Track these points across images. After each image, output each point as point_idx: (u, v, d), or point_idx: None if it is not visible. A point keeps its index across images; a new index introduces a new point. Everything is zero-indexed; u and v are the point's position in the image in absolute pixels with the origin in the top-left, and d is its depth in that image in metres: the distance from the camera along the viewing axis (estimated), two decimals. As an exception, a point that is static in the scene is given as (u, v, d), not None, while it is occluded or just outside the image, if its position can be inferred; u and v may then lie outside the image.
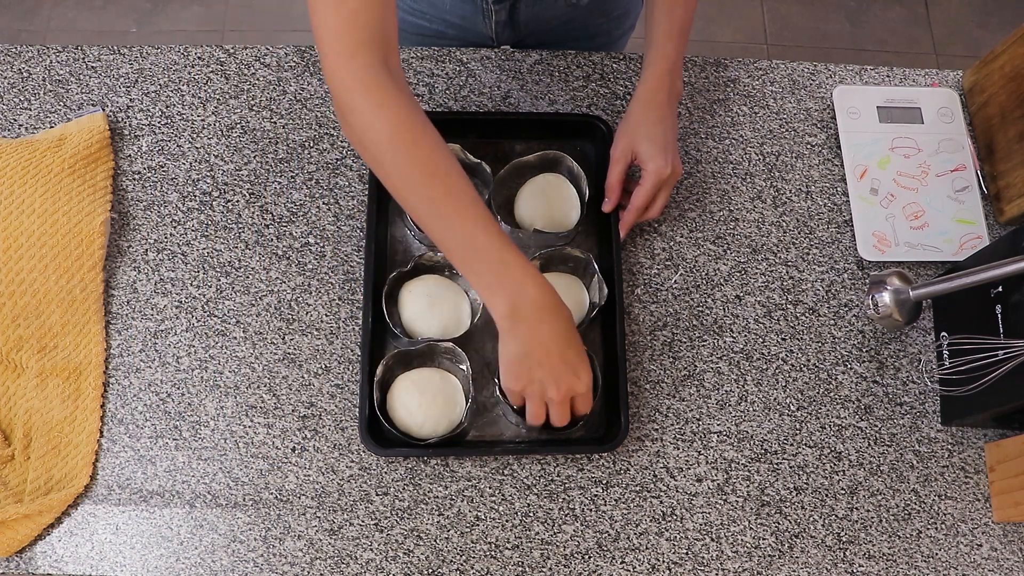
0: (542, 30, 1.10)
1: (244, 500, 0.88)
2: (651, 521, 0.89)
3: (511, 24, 1.08)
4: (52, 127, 1.00)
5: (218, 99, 1.03)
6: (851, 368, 0.96)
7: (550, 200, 0.97)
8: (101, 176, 0.97)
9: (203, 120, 1.02)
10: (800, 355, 0.96)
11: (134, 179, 0.99)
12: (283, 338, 0.94)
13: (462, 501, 0.89)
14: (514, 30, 1.10)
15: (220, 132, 1.01)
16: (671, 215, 1.01)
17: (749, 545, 0.89)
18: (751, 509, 0.90)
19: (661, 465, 0.91)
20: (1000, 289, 0.85)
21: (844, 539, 0.90)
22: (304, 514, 0.88)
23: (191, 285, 0.95)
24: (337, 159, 1.01)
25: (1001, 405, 0.85)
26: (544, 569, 0.87)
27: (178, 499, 0.88)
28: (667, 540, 0.89)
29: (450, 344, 0.88)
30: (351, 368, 0.92)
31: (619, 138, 0.93)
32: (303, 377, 0.92)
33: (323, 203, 0.99)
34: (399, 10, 1.14)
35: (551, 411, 0.82)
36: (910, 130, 1.04)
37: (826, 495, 0.91)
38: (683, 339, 0.96)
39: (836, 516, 0.90)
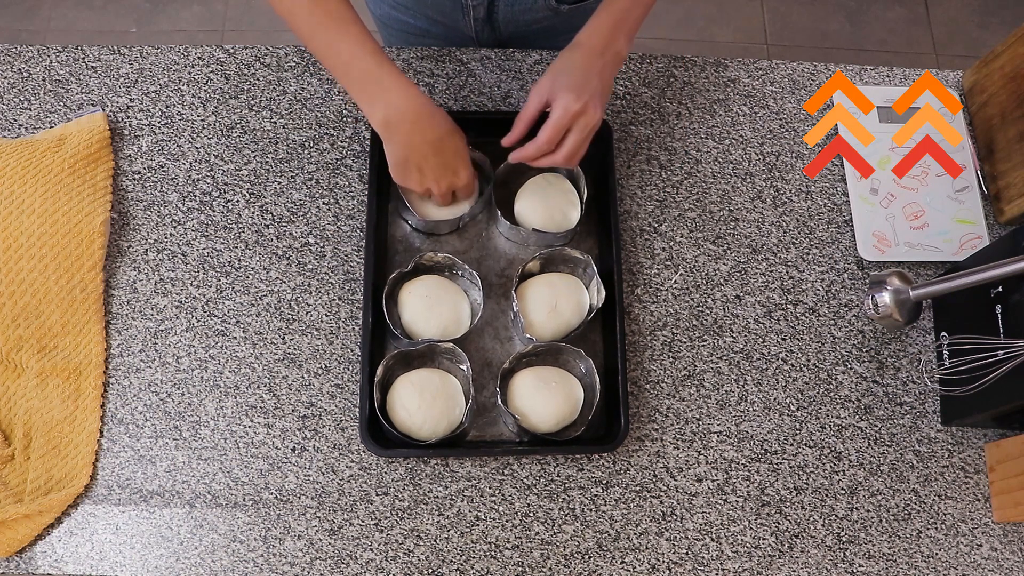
0: (523, 33, 1.10)
1: (244, 500, 0.88)
2: (651, 521, 0.89)
3: (490, 23, 1.08)
4: (52, 127, 1.00)
5: (218, 99, 1.03)
6: (851, 368, 0.96)
7: (550, 200, 0.97)
8: (101, 176, 0.97)
9: (203, 120, 1.02)
10: (800, 355, 0.96)
11: (134, 179, 0.99)
12: (283, 338, 0.94)
13: (462, 501, 0.89)
14: (493, 30, 1.09)
15: (220, 132, 1.01)
16: (671, 215, 1.01)
17: (749, 545, 0.89)
18: (751, 509, 0.90)
19: (661, 465, 0.91)
20: (1000, 289, 0.85)
21: (844, 539, 0.90)
22: (304, 514, 0.88)
23: (191, 285, 0.95)
24: (337, 159, 1.01)
25: (1001, 405, 0.85)
26: (544, 569, 0.87)
27: (178, 499, 0.88)
28: (667, 540, 0.89)
29: (450, 344, 0.88)
30: (351, 368, 0.92)
31: (542, 78, 0.89)
32: (303, 377, 0.92)
33: (323, 203, 0.99)
34: (384, 4, 1.14)
35: (435, 199, 0.93)
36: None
37: (826, 495, 0.91)
38: (683, 339, 0.96)
39: (836, 516, 0.90)
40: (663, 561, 0.88)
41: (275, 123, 1.02)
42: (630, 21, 0.89)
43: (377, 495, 0.89)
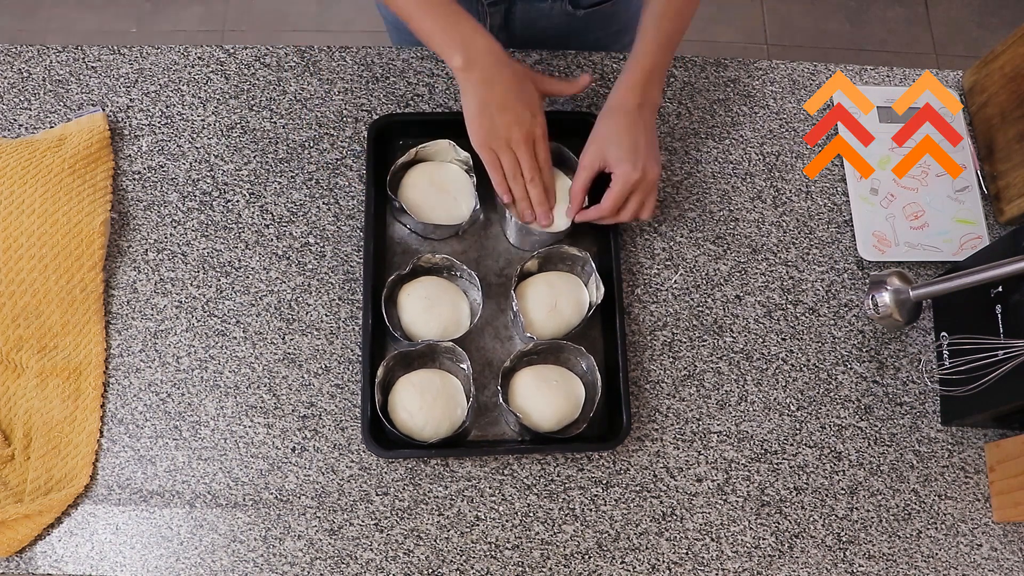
0: (538, 38, 1.10)
1: (244, 500, 0.88)
2: (651, 521, 0.89)
3: (506, 28, 1.08)
4: (52, 127, 1.00)
5: (218, 99, 1.03)
6: (851, 368, 0.96)
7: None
8: (101, 176, 0.97)
9: (203, 120, 1.02)
10: (800, 355, 0.96)
11: (134, 179, 0.99)
12: (283, 338, 0.94)
13: (462, 501, 0.89)
14: (509, 35, 1.10)
15: (220, 132, 1.01)
16: (671, 215, 1.01)
17: (749, 545, 0.89)
18: (751, 509, 0.90)
19: (661, 465, 0.91)
20: (1000, 289, 0.85)
21: (844, 539, 0.90)
22: (304, 514, 0.88)
23: (191, 285, 0.95)
24: (337, 159, 1.01)
25: (1001, 405, 0.85)
26: (544, 569, 0.87)
27: (178, 499, 0.88)
28: (667, 540, 0.89)
29: (450, 344, 0.88)
30: (351, 368, 0.92)
31: (588, 146, 0.92)
32: (303, 377, 0.92)
33: (323, 203, 0.99)
34: None
35: (521, 159, 0.88)
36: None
37: (826, 495, 0.91)
38: (683, 339, 0.96)
39: (836, 516, 0.90)
40: (663, 561, 0.88)
41: (275, 123, 1.02)
42: (659, 70, 0.90)
43: (377, 495, 0.89)
